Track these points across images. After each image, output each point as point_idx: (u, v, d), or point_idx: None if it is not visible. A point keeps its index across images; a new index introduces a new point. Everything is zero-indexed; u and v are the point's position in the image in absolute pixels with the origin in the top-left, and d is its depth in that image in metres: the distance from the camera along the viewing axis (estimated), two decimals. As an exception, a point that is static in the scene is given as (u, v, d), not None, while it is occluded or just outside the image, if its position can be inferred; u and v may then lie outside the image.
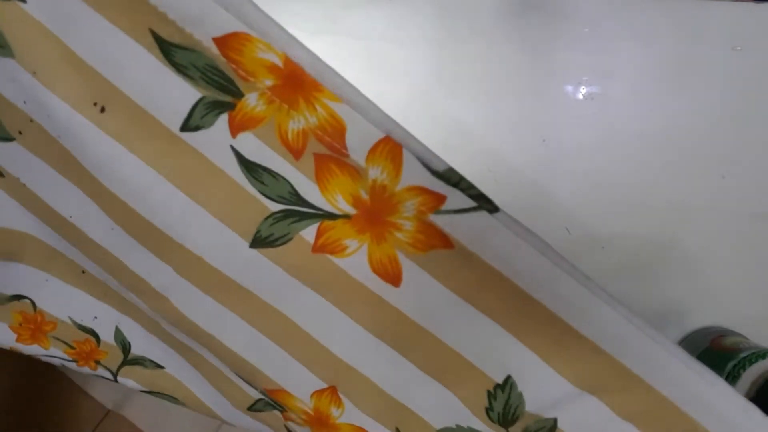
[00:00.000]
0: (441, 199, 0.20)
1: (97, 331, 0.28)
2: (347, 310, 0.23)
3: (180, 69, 0.20)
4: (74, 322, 0.28)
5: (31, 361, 0.30)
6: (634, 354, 0.21)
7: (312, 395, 0.26)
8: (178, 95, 0.20)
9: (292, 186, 0.21)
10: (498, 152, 0.35)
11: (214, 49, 0.19)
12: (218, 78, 0.20)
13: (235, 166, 0.21)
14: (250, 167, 0.21)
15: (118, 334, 0.28)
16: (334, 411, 0.26)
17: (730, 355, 0.32)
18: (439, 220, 0.20)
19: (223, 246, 0.22)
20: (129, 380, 0.29)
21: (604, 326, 0.21)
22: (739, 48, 0.36)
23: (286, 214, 0.22)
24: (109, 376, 0.29)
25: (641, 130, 0.36)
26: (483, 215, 0.20)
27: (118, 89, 0.21)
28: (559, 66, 0.35)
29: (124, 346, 0.28)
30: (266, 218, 0.22)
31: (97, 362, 0.29)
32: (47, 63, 0.20)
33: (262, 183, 0.21)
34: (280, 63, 0.19)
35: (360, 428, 0.26)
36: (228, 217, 0.22)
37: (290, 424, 0.28)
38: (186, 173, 0.22)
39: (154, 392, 0.29)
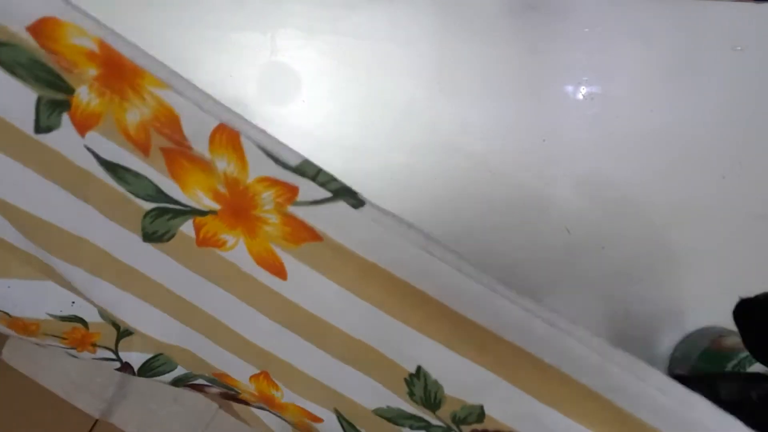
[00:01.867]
0: (293, 190, 0.19)
1: (80, 315, 0.27)
2: (251, 302, 0.22)
3: (8, 68, 0.18)
4: (54, 317, 0.27)
5: (11, 377, 0.29)
6: (538, 342, 0.20)
7: (250, 379, 0.26)
8: (18, 98, 0.19)
9: (153, 184, 0.20)
10: (498, 152, 0.35)
11: (31, 41, 0.18)
12: (45, 74, 0.18)
13: (96, 166, 0.20)
14: (109, 167, 0.20)
15: (103, 310, 0.27)
16: (275, 393, 0.26)
17: (730, 355, 0.32)
18: (300, 212, 0.19)
19: (128, 242, 0.22)
20: (132, 353, 0.28)
21: (498, 313, 0.20)
22: (739, 48, 0.36)
23: (159, 211, 0.21)
24: (111, 356, 0.29)
25: (641, 130, 0.36)
26: (341, 206, 0.19)
27: None
28: (559, 66, 0.35)
29: (113, 320, 0.27)
30: (144, 216, 0.21)
31: (94, 345, 0.28)
32: None
33: (127, 182, 0.20)
34: (96, 48, 0.17)
35: (301, 408, 0.26)
36: (114, 215, 0.21)
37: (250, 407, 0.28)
38: (62, 175, 0.21)
39: (158, 359, 0.28)
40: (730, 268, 0.36)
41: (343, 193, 0.19)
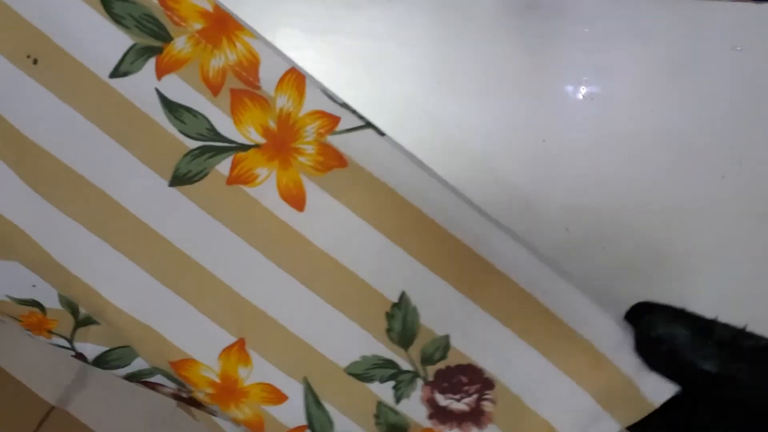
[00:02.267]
0: (336, 120, 0.25)
1: (39, 300, 0.27)
2: (257, 244, 0.25)
3: (117, 19, 0.23)
4: (13, 299, 0.27)
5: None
6: (525, 275, 0.25)
7: (220, 356, 0.26)
8: (111, 44, 0.23)
9: (209, 122, 0.24)
10: (498, 152, 0.35)
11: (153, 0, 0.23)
12: (152, 25, 0.23)
13: (158, 108, 0.24)
14: (172, 108, 0.24)
15: (62, 296, 0.27)
16: (242, 371, 0.27)
17: (730, 355, 0.32)
18: (335, 141, 0.24)
19: (145, 187, 0.24)
20: (87, 344, 0.28)
21: (476, 235, 0.25)
22: (739, 48, 0.36)
23: (202, 150, 0.24)
24: (66, 344, 0.29)
25: (641, 130, 0.36)
26: (370, 133, 0.25)
27: (51, 41, 0.23)
28: (559, 66, 0.35)
29: (72, 308, 0.28)
30: (185, 156, 0.24)
31: (50, 332, 0.28)
32: None
33: (182, 122, 0.24)
34: (210, 8, 0.23)
35: (269, 385, 0.27)
36: (149, 157, 0.24)
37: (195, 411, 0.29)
38: (112, 118, 0.24)
39: (113, 353, 0.28)
40: (730, 268, 0.36)
41: (372, 124, 0.25)
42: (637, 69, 0.36)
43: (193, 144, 0.24)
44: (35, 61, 0.23)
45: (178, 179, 0.25)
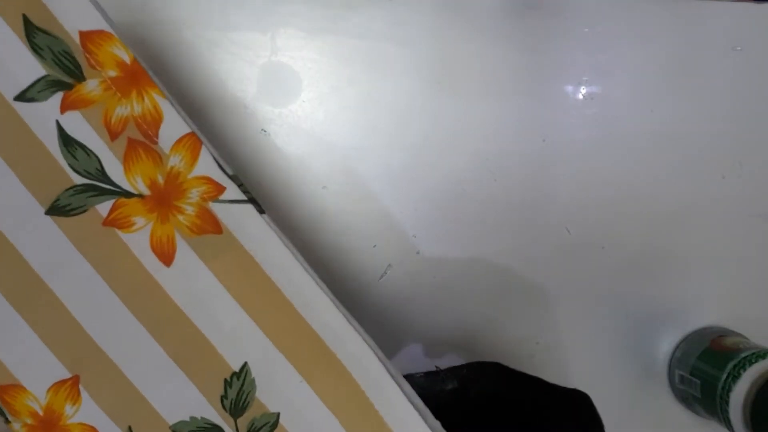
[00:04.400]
0: (221, 189, 0.25)
1: None
2: (116, 287, 0.26)
3: (35, 48, 0.24)
4: None
5: None
6: (365, 373, 0.26)
7: (49, 389, 0.26)
8: (24, 69, 0.24)
9: (100, 163, 0.25)
10: (498, 152, 0.35)
11: (76, 39, 0.24)
12: (68, 63, 0.24)
13: (54, 139, 0.25)
14: (68, 141, 0.25)
15: None
16: (68, 409, 0.27)
17: (730, 355, 0.32)
18: (216, 208, 0.25)
19: (19, 208, 0.25)
20: None
21: (325, 322, 0.26)
22: (739, 48, 0.36)
23: (86, 188, 0.25)
24: None
25: (641, 130, 0.36)
26: (249, 208, 0.25)
27: None
28: (559, 66, 0.35)
29: None
30: (68, 189, 0.25)
31: None
32: None
33: (74, 158, 0.25)
34: (128, 60, 0.25)
35: (91, 428, 0.27)
36: (33, 182, 0.25)
37: None
38: (5, 138, 0.25)
39: None
40: (730, 268, 0.36)
41: (254, 201, 0.26)
42: (637, 69, 0.36)
43: (79, 180, 0.25)
44: None
45: (56, 209, 0.25)
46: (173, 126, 0.25)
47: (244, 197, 0.25)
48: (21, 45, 0.24)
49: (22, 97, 0.25)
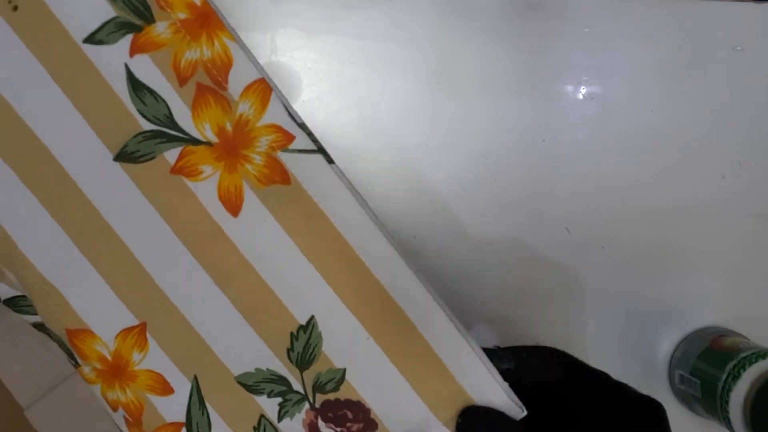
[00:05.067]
0: (291, 138, 0.24)
1: None
2: (184, 236, 0.25)
3: None
4: None
5: None
6: (434, 331, 0.25)
7: (117, 335, 0.26)
8: (93, 10, 0.23)
9: (169, 109, 0.24)
10: (498, 152, 0.35)
11: None
12: (138, 4, 0.23)
13: (123, 83, 0.24)
14: (137, 86, 0.24)
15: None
16: (136, 355, 0.27)
17: (730, 355, 0.32)
18: (284, 157, 0.24)
19: (88, 154, 0.25)
20: (2, 285, 0.28)
21: (395, 278, 0.25)
22: (739, 48, 0.36)
23: (155, 134, 0.25)
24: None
25: (641, 130, 0.36)
26: (319, 159, 0.25)
27: None
28: (559, 66, 0.35)
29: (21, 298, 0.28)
30: (136, 135, 0.24)
31: None
32: None
33: (143, 103, 0.24)
34: (198, 2, 0.24)
35: (158, 375, 0.27)
36: (102, 127, 0.24)
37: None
38: (75, 81, 0.24)
39: (24, 299, 0.28)
40: (730, 268, 0.36)
41: (324, 151, 0.25)
42: (637, 69, 0.36)
43: (148, 126, 0.24)
44: (15, 8, 0.23)
45: (124, 156, 0.25)
46: (243, 71, 0.24)
47: (313, 147, 0.25)
48: None
49: (91, 39, 0.24)
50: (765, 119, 0.36)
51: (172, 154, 0.25)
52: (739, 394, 0.30)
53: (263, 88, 0.24)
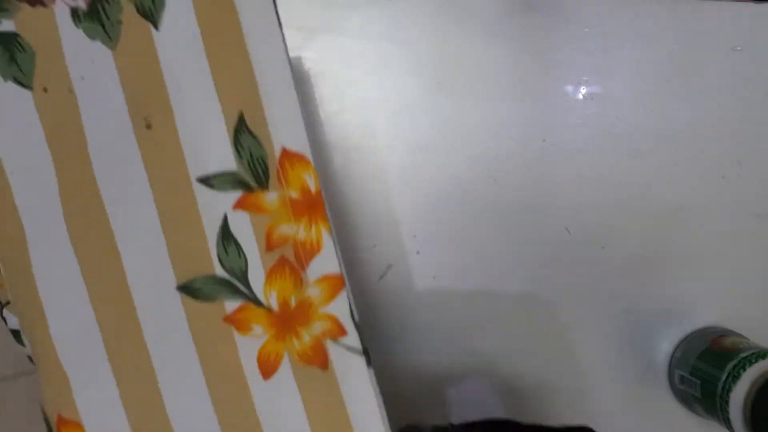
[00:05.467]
0: (343, 333, 0.26)
1: None
2: (210, 378, 0.26)
3: (237, 145, 0.25)
4: None
5: None
6: None
7: None
8: (218, 155, 0.25)
9: (246, 266, 0.25)
10: (498, 152, 0.35)
11: (276, 153, 0.25)
12: (260, 170, 0.25)
13: (215, 228, 0.25)
14: (226, 235, 0.25)
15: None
16: None
17: (730, 355, 0.32)
18: (331, 347, 0.26)
19: (155, 272, 0.25)
20: (14, 317, 0.28)
21: None
22: (739, 48, 0.36)
23: (224, 283, 0.25)
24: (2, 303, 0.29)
25: (641, 130, 0.36)
26: (360, 360, 0.26)
27: (171, 108, 0.24)
28: (559, 66, 0.35)
29: None
30: (207, 276, 0.25)
31: None
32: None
33: (225, 251, 0.25)
34: (313, 189, 0.25)
35: None
36: (179, 256, 0.25)
37: None
38: (173, 207, 0.25)
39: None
40: (730, 268, 0.36)
41: (367, 353, 0.26)
42: (637, 69, 0.36)
43: (221, 273, 0.25)
44: (149, 126, 0.25)
45: (187, 289, 0.26)
46: (327, 262, 0.26)
47: (360, 347, 0.26)
48: (226, 135, 0.25)
49: (205, 180, 0.25)
50: (765, 119, 0.36)
51: (231, 305, 0.26)
52: (739, 394, 0.30)
53: (338, 283, 0.26)
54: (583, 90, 0.36)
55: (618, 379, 0.36)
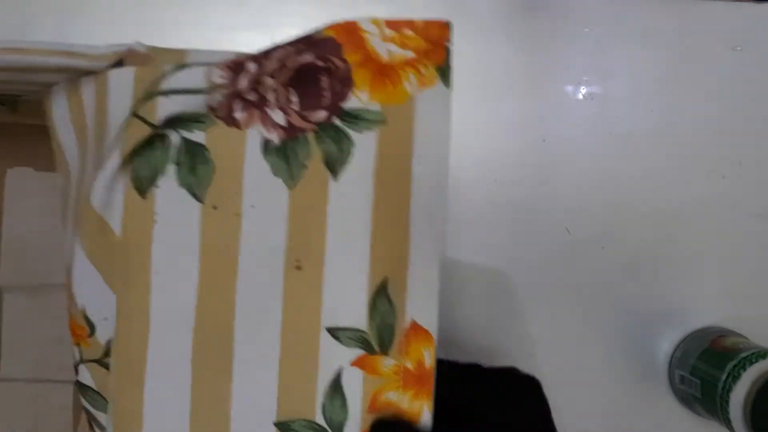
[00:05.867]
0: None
1: (98, 328, 0.27)
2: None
3: (373, 307, 0.25)
4: (84, 313, 0.27)
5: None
6: None
7: None
8: (351, 314, 0.25)
9: (345, 421, 0.26)
10: (498, 152, 0.35)
11: (405, 324, 0.25)
12: (386, 335, 0.25)
13: (328, 377, 0.26)
14: (336, 389, 0.26)
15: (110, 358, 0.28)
16: None
17: (730, 355, 0.32)
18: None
19: (258, 403, 0.26)
20: (87, 373, 0.29)
21: None
22: (739, 48, 0.36)
23: (320, 430, 0.26)
24: (77, 359, 0.29)
25: (641, 130, 0.36)
26: None
27: (324, 256, 0.25)
28: (559, 66, 0.35)
29: (110, 349, 0.28)
30: (307, 421, 0.26)
31: (78, 345, 0.28)
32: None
33: (331, 402, 0.26)
34: (428, 365, 0.25)
35: None
36: (287, 393, 0.26)
37: None
38: (297, 347, 0.26)
39: (95, 394, 0.29)
40: (730, 268, 0.36)
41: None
42: (637, 69, 0.36)
43: (321, 421, 0.26)
44: (299, 267, 0.25)
45: (285, 427, 0.26)
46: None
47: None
48: (365, 295, 0.25)
49: (333, 331, 0.26)
50: (765, 119, 0.36)
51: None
52: (739, 394, 0.30)
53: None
54: (583, 90, 0.36)
55: (618, 379, 0.36)
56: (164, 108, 0.24)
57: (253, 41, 0.35)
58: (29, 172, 0.32)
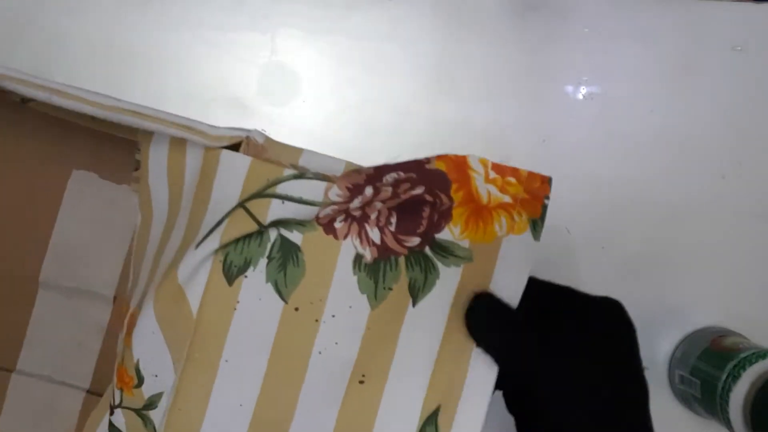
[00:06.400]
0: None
1: (146, 381, 0.28)
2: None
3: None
4: (137, 366, 0.28)
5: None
6: None
7: None
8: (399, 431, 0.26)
9: None
10: (498, 152, 0.35)
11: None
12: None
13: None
14: None
15: (157, 396, 0.28)
16: None
17: (730, 355, 0.32)
18: None
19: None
20: (122, 419, 0.29)
21: None
22: (739, 48, 0.36)
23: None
24: (116, 403, 0.29)
25: (641, 130, 0.36)
26: None
27: (387, 375, 0.26)
28: (559, 66, 0.35)
29: (152, 403, 0.28)
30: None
31: (122, 390, 0.29)
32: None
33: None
34: None
35: None
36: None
37: None
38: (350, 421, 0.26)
39: None
40: (730, 268, 0.36)
41: None
42: (637, 69, 0.36)
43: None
44: (362, 382, 0.26)
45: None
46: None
47: None
48: (417, 419, 0.25)
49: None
50: (765, 119, 0.36)
51: None
52: (739, 394, 0.30)
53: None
54: (583, 90, 0.36)
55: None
56: (275, 211, 0.25)
57: (253, 41, 0.35)
58: (93, 177, 0.32)
